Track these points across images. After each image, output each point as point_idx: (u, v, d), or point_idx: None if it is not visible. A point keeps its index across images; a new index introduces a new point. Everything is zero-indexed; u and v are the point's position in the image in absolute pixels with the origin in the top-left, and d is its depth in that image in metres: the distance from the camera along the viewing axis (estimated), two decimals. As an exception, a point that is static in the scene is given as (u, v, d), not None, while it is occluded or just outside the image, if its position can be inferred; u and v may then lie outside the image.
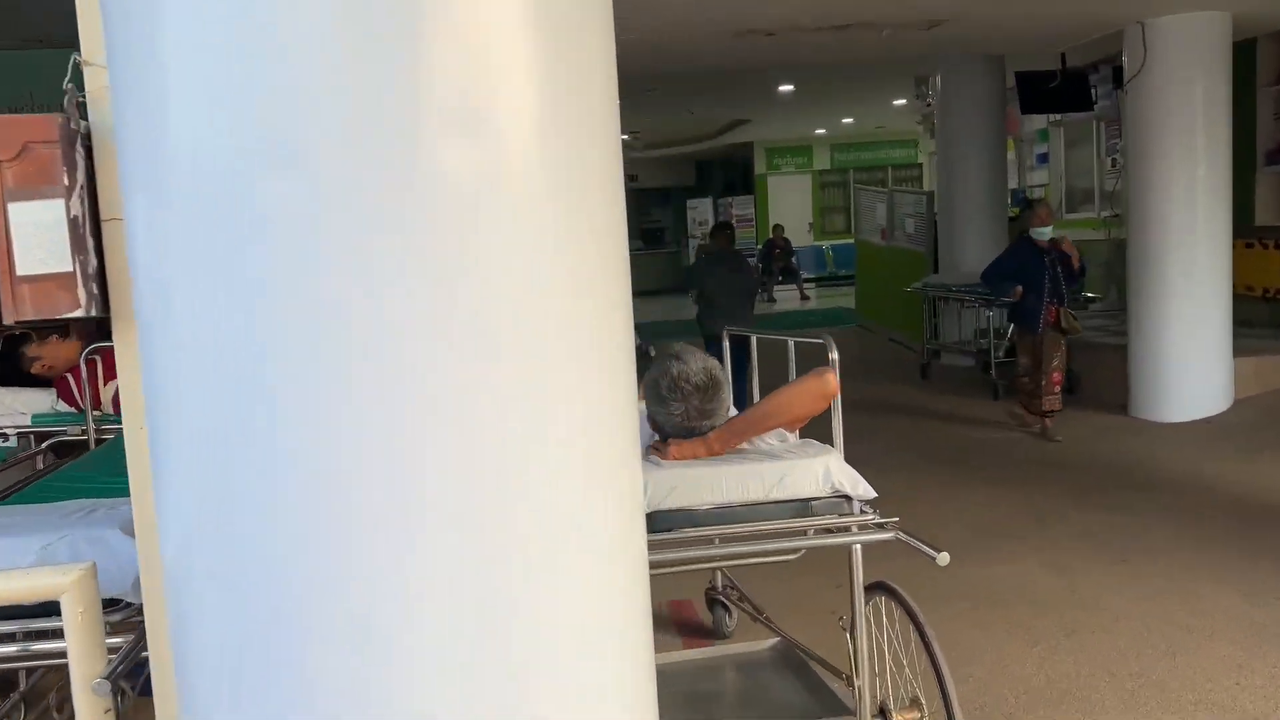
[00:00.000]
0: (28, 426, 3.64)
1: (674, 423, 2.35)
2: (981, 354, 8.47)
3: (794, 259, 17.62)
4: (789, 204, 19.74)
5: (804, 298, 17.13)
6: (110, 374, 3.58)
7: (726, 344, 3.77)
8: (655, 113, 14.11)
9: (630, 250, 1.22)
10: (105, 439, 3.57)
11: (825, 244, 19.49)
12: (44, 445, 3.59)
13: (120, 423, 3.49)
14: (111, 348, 3.53)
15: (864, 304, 13.00)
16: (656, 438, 2.39)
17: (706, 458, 2.27)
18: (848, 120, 16.65)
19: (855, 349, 11.83)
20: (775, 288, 17.47)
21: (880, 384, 9.09)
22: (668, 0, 5.30)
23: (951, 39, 7.82)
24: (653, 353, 3.87)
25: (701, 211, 19.81)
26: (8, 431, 3.60)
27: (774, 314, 15.74)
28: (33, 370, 3.76)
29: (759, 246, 18.03)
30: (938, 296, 9.41)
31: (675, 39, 6.25)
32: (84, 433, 3.61)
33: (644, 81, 9.98)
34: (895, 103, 13.72)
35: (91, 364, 3.56)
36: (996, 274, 7.01)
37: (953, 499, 5.31)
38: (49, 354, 3.76)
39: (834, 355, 2.41)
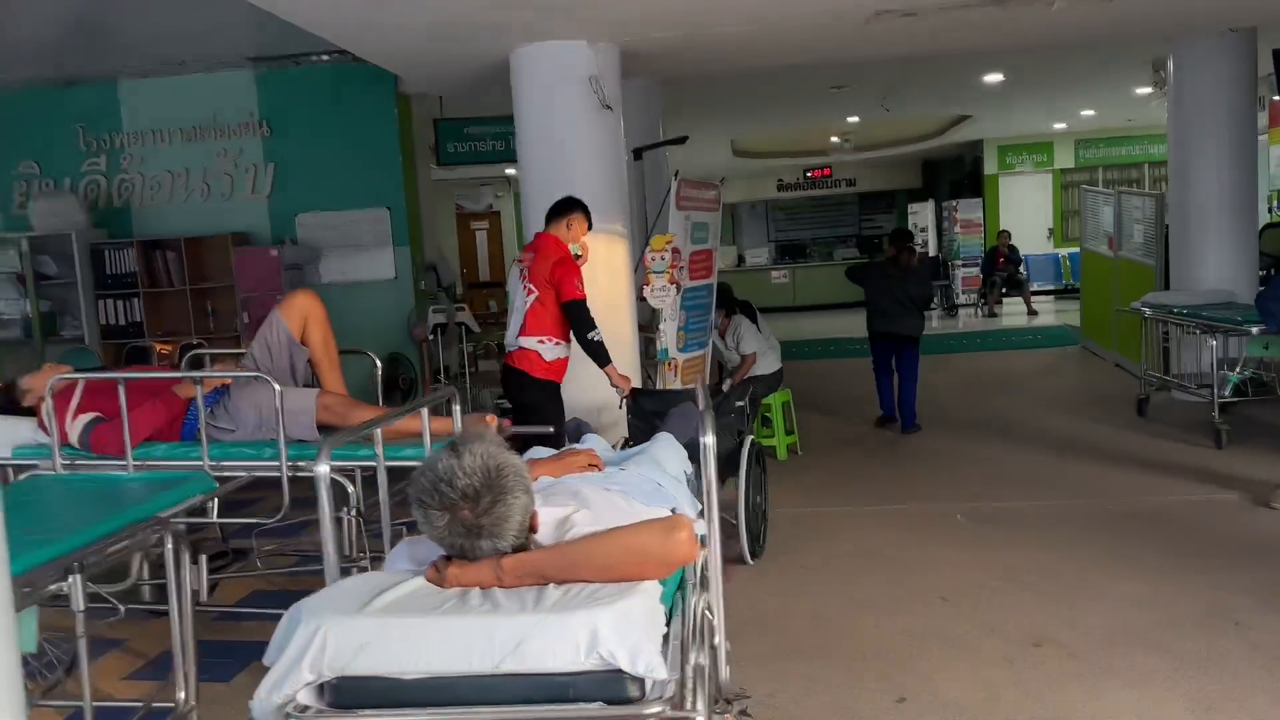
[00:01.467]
0: (7, 459, 3.54)
1: (437, 537, 1.73)
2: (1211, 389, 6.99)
3: (1021, 268, 15.92)
4: (1024, 206, 17.92)
5: (1031, 312, 15.41)
6: (82, 407, 3.39)
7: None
8: (851, 112, 13.11)
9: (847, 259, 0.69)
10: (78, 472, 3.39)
11: (1063, 251, 17.51)
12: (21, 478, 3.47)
13: (87, 457, 3.32)
14: (82, 380, 3.35)
15: (1089, 323, 11.39)
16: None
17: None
18: (1088, 113, 14.78)
19: (1074, 375, 10.38)
20: (1001, 300, 15.86)
21: (1082, 418, 7.81)
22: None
23: (1183, 9, 6.46)
24: (584, 433, 3.19)
25: (923, 217, 18.40)
26: None
27: (988, 330, 14.24)
28: (24, 403, 3.68)
29: (983, 254, 16.46)
30: (1162, 319, 7.92)
31: (803, 24, 5.48)
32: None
33: (806, 79, 9.15)
34: (1137, 91, 11.95)
35: (60, 396, 3.39)
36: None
37: (1100, 585, 4.23)
38: (37, 384, 3.66)
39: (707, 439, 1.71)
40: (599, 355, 4.55)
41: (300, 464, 3.21)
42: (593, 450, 2.51)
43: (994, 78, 10.34)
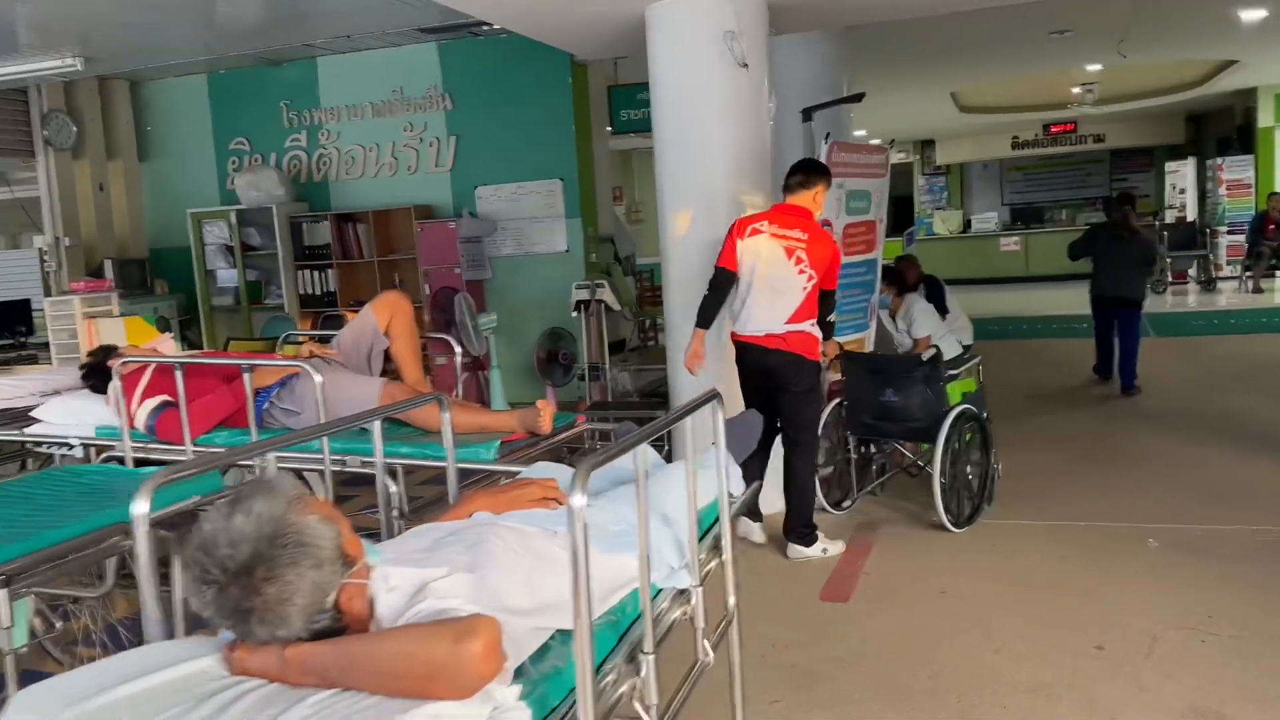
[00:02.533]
0: (90, 438, 3.63)
1: (208, 616, 1.43)
2: None
3: (1297, 237, 13.77)
4: (1311, 164, 15.48)
5: (1302, 287, 13.33)
6: (149, 392, 3.41)
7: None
8: (1087, 59, 11.69)
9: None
10: (141, 458, 3.42)
11: (1359, 217, 14.97)
12: (100, 459, 3.55)
13: (152, 442, 3.34)
14: (151, 364, 3.37)
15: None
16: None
17: (275, 683, 1.35)
18: (1393, 51, 12.43)
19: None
20: (1271, 273, 13.80)
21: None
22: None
23: None
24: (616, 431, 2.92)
25: (1182, 176, 16.32)
26: (72, 441, 3.62)
27: (1247, 309, 12.40)
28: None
29: (1251, 219, 14.36)
30: None
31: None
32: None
33: (1014, 22, 8.14)
34: None
35: (129, 378, 3.42)
36: None
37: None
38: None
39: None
40: (829, 332, 4.64)
41: (347, 457, 3.07)
42: (551, 481, 2.15)
43: (1254, 15, 8.80)
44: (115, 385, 3.35)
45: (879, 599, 4.05)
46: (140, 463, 3.38)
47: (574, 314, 6.65)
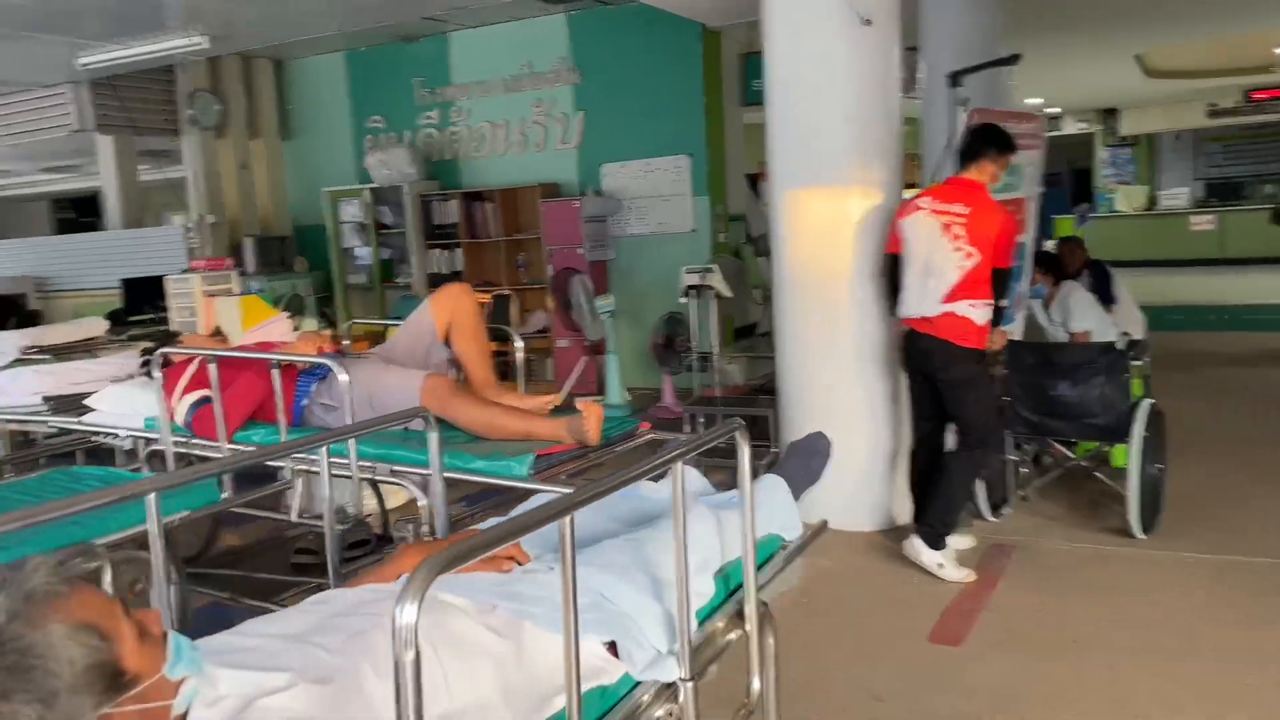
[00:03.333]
0: (138, 430, 3.50)
1: None
2: None
3: None
4: None
5: None
6: (191, 385, 3.23)
7: None
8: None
9: None
10: (183, 452, 3.25)
11: None
12: (147, 452, 3.42)
13: (193, 437, 3.16)
14: (193, 357, 3.19)
15: None
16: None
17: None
18: None
19: None
20: None
21: None
22: None
23: None
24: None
25: None
26: (120, 431, 3.49)
27: None
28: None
29: None
30: None
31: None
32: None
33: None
34: None
35: (171, 372, 3.24)
36: None
37: None
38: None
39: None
40: (999, 317, 4.20)
41: (376, 464, 2.79)
42: (515, 546, 1.73)
43: None
44: (157, 376, 3.20)
45: (997, 643, 3.48)
46: (181, 459, 3.24)
47: (682, 299, 6.23)
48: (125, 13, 6.72)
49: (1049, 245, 7.16)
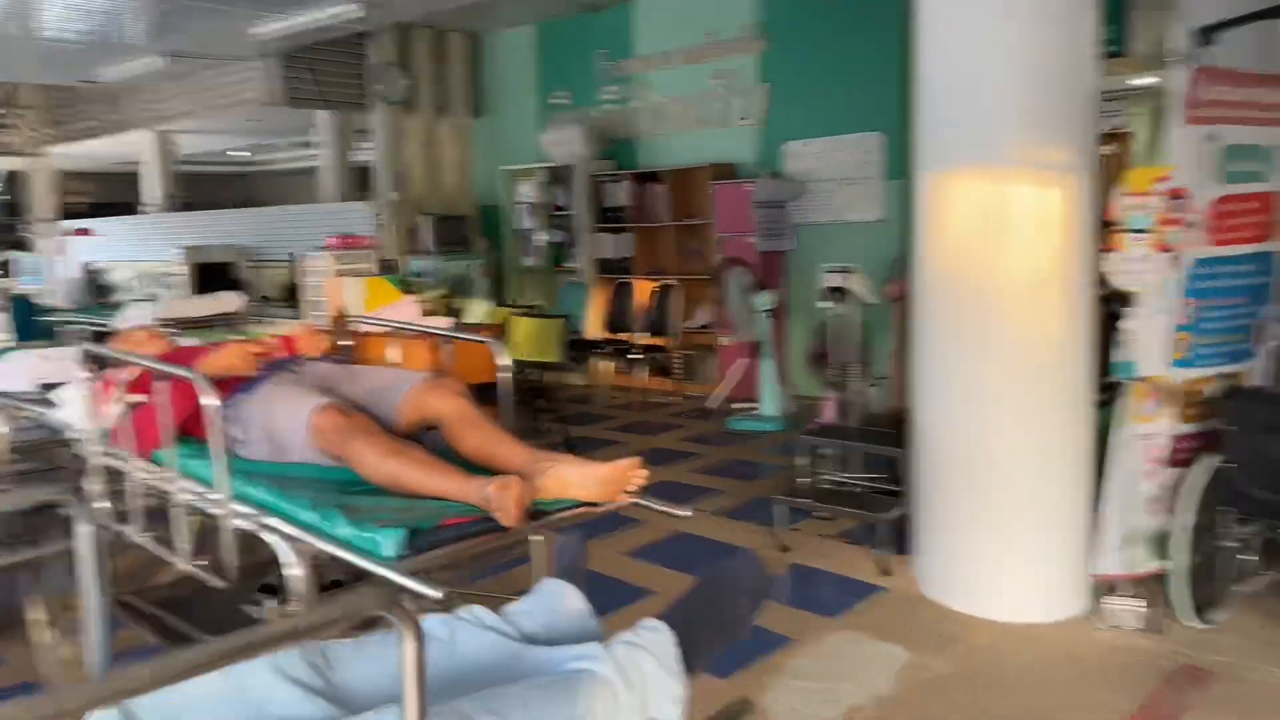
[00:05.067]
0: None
1: None
2: None
3: None
4: None
5: None
6: (136, 386, 2.74)
7: None
8: None
9: None
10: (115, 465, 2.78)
11: None
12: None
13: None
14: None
15: None
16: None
17: None
18: None
19: None
20: None
21: None
22: None
23: None
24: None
25: None
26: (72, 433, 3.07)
27: None
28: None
29: None
30: None
31: None
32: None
33: None
34: None
35: (112, 373, 2.76)
36: None
37: None
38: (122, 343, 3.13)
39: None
40: None
41: (249, 510, 2.15)
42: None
43: None
44: (86, 377, 2.76)
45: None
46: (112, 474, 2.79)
47: (820, 304, 5.24)
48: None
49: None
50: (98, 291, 9.35)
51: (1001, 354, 3.50)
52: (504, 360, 2.60)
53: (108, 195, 19.42)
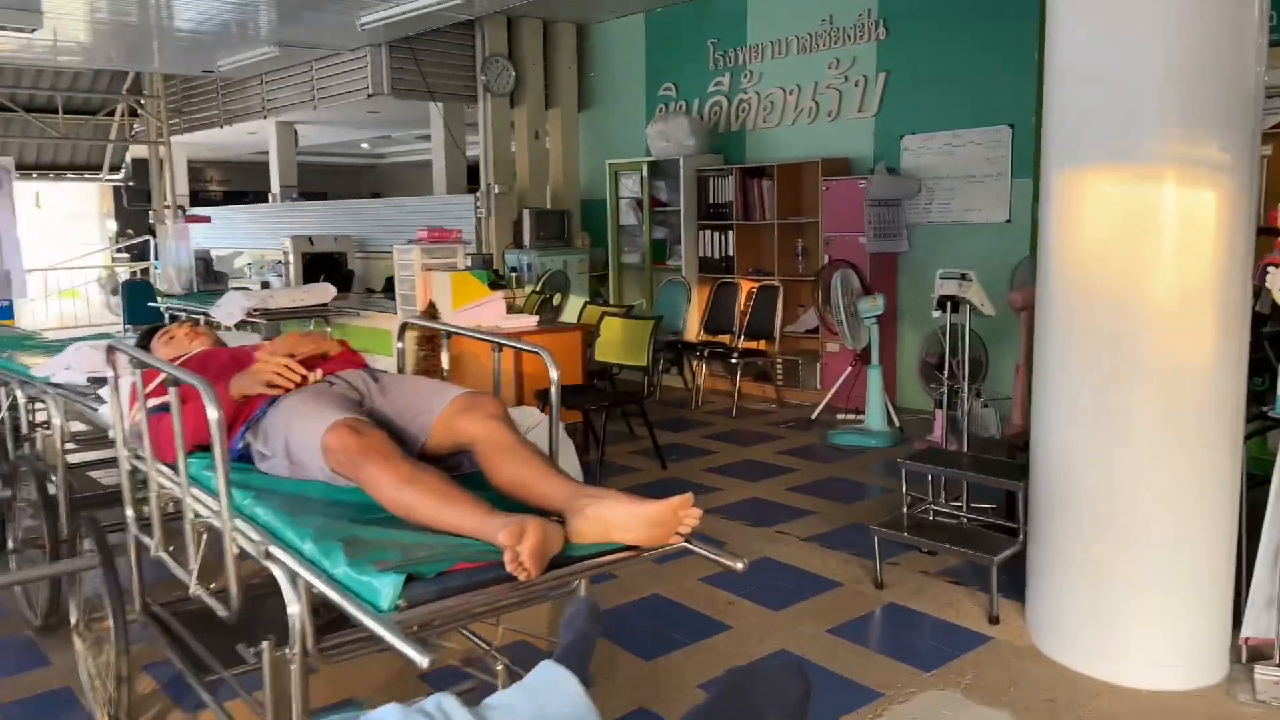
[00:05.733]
0: None
1: None
2: None
3: None
4: None
5: None
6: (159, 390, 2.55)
7: None
8: None
9: None
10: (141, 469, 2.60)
11: None
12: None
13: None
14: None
15: None
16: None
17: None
18: None
19: None
20: None
21: None
22: None
23: None
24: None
25: None
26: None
27: None
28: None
29: None
30: None
31: None
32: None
33: None
34: None
35: (150, 373, 2.56)
36: None
37: None
38: (162, 348, 2.94)
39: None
40: None
41: (253, 534, 1.90)
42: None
43: None
44: (119, 378, 2.59)
45: None
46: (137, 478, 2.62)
47: (935, 313, 4.76)
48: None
49: None
50: (211, 278, 9.52)
51: (1140, 378, 3.01)
52: (554, 373, 2.30)
53: (241, 183, 20.13)
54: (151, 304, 8.03)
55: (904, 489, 3.88)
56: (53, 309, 12.86)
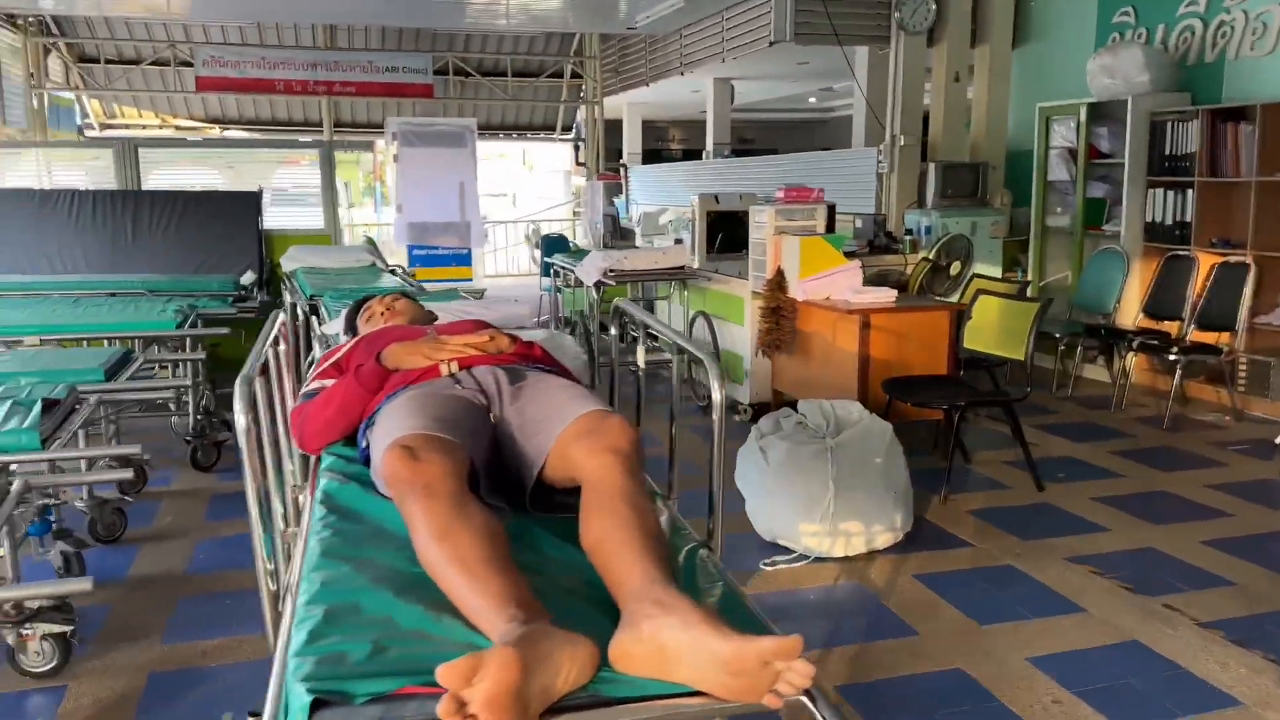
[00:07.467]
0: None
1: None
2: None
3: None
4: None
5: None
6: (346, 361, 2.26)
7: None
8: None
9: None
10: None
11: None
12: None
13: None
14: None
15: None
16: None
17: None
18: None
19: None
20: None
21: None
22: None
23: None
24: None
25: None
26: None
27: None
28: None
29: None
30: None
31: None
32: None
33: None
34: None
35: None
36: None
37: None
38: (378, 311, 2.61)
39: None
40: None
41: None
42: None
43: None
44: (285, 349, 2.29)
45: None
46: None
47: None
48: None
49: None
50: (618, 234, 9.68)
51: None
52: (716, 393, 1.59)
53: (698, 141, 20.83)
54: (547, 259, 8.28)
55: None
56: (501, 260, 14.13)
